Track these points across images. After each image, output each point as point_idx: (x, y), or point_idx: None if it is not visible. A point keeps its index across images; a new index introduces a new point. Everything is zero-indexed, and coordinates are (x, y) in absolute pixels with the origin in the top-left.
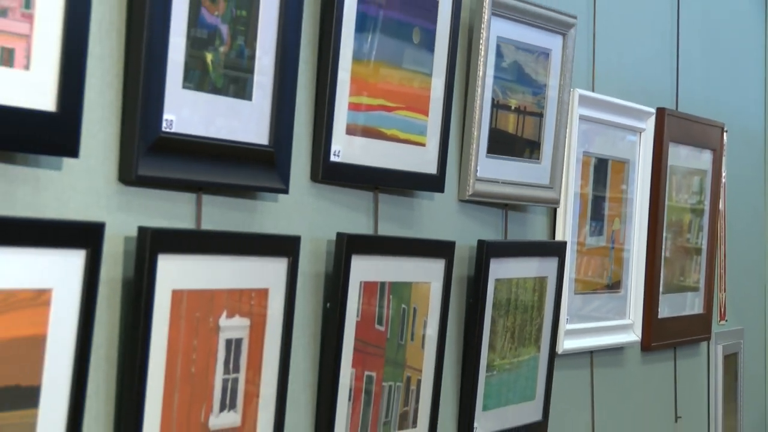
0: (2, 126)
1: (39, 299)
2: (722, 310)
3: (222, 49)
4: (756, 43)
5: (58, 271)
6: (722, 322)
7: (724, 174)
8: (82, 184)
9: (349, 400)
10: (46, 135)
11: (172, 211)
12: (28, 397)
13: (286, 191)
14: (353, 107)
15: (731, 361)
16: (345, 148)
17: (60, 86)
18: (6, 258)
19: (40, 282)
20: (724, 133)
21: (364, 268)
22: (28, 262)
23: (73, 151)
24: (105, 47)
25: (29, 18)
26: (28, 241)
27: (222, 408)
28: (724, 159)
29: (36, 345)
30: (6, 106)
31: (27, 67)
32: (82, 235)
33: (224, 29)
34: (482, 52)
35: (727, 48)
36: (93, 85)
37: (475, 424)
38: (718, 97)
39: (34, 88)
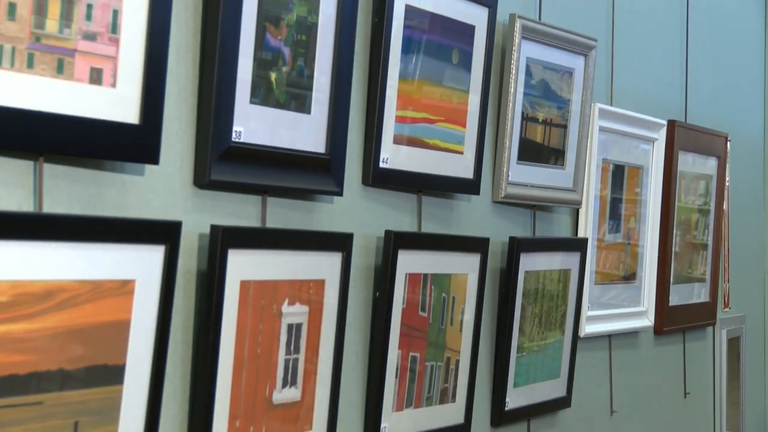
0: (92, 137)
1: (124, 288)
2: (726, 298)
3: (284, 69)
4: (756, 62)
5: (141, 264)
6: (726, 310)
7: (727, 178)
8: (162, 187)
9: (396, 377)
10: (131, 145)
11: (240, 211)
12: (114, 374)
13: (340, 194)
14: (399, 120)
15: (734, 344)
16: (392, 156)
17: (142, 102)
18: (95, 253)
19: (125, 273)
20: (728, 142)
21: (409, 262)
22: (114, 256)
23: (154, 158)
24: (182, 67)
25: (115, 42)
26: (114, 237)
27: (284, 384)
28: (727, 165)
29: (121, 329)
30: (95, 119)
31: (114, 84)
32: (162, 233)
33: (286, 51)
34: (513, 71)
35: (731, 67)
36: (171, 101)
37: (507, 399)
38: (723, 111)
39: (119, 103)
